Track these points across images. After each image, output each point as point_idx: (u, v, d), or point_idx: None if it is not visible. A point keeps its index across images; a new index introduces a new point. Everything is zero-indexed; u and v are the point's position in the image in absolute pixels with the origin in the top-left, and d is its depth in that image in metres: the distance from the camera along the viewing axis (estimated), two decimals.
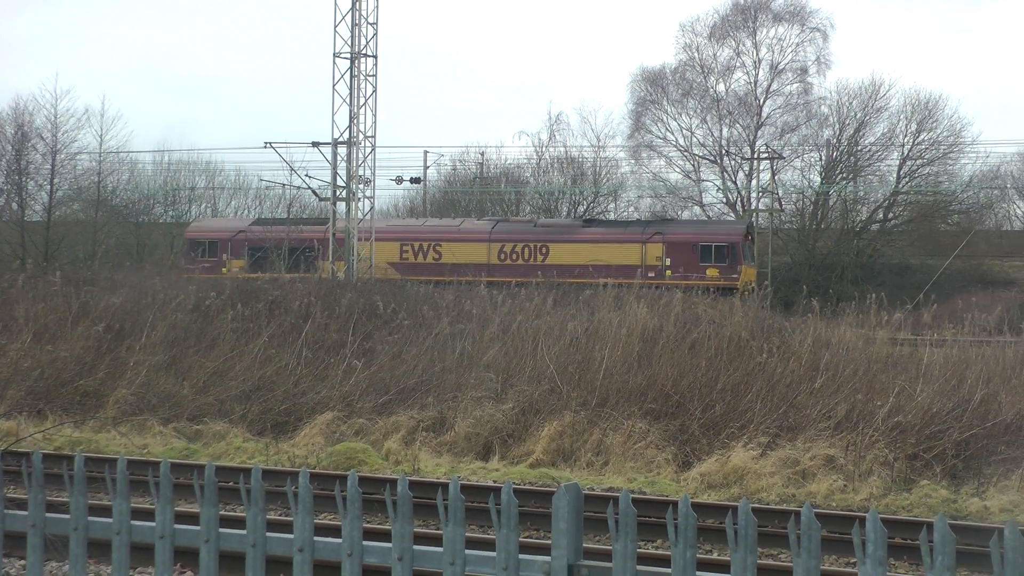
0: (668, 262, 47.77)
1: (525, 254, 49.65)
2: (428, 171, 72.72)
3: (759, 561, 10.61)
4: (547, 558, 4.74)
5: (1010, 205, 68.36)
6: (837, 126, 66.41)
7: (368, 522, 13.13)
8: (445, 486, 4.98)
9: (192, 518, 5.38)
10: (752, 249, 51.07)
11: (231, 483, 14.17)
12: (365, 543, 4.99)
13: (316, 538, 5.06)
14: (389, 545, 4.95)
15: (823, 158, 66.73)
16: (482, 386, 20.09)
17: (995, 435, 17.02)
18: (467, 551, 4.86)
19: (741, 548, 4.39)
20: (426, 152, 72.74)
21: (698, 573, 4.51)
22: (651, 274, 46.16)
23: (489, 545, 4.92)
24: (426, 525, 13.07)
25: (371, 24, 45.67)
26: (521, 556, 4.79)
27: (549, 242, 49.43)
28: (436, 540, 5.11)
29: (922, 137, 65.08)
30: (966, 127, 74.96)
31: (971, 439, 16.89)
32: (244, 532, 5.16)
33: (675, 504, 4.33)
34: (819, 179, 66.52)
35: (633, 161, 70.50)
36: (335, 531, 5.20)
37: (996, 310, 27.29)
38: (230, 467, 16.21)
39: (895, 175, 65.55)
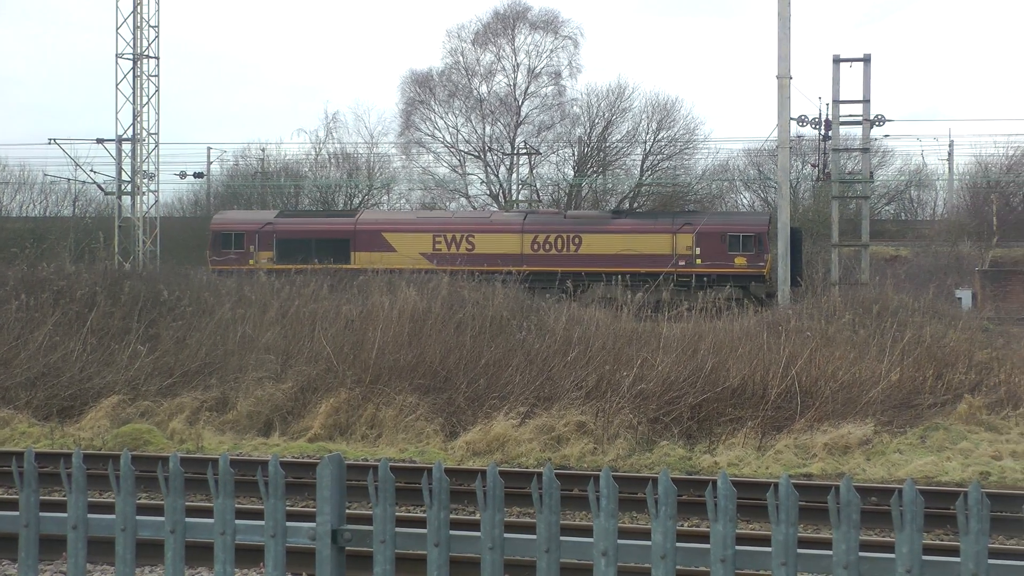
0: (698, 251, 45.29)
1: (558, 244, 46.50)
2: (211, 166, 71.38)
3: (512, 519, 10.73)
4: (312, 524, 4.69)
5: (737, 195, 70.71)
6: (588, 125, 67.75)
7: (152, 499, 12.82)
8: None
9: None
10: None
11: (6, 467, 13.63)
12: (139, 518, 4.84)
13: (90, 515, 4.88)
14: (163, 519, 4.81)
15: (576, 153, 67.98)
16: (262, 367, 19.82)
17: (724, 399, 17.59)
18: (237, 521, 4.76)
19: (490, 507, 4.42)
20: (209, 148, 71.47)
21: (452, 532, 4.53)
22: (682, 263, 44.70)
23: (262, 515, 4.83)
24: (209, 499, 12.82)
25: (153, 27, 44.60)
26: (288, 523, 4.73)
27: (582, 233, 46.35)
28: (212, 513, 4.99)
29: (661, 135, 66.93)
30: (699, 126, 77.48)
31: (704, 403, 17.43)
32: (17, 513, 4.94)
33: (430, 470, 4.37)
34: (572, 172, 67.78)
35: (404, 157, 70.55)
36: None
37: (726, 289, 28.21)
38: (5, 451, 15.55)
39: (639, 168, 67.27)
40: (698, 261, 45.11)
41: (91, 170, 49.78)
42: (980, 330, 27.39)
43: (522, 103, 68.35)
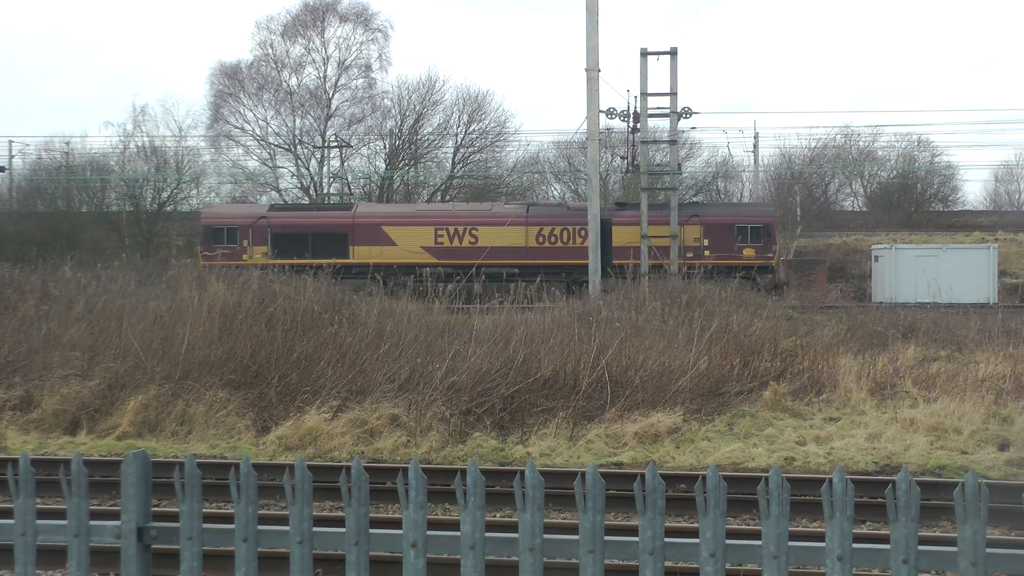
0: (706, 243, 44.82)
1: (564, 237, 45.34)
2: (13, 160, 69.08)
3: (326, 513, 10.64)
4: (118, 523, 4.60)
5: (548, 187, 71.57)
6: (399, 117, 67.77)
7: None
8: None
9: None
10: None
11: None
12: None
13: None
14: None
15: (387, 146, 67.89)
16: (68, 364, 19.26)
17: (536, 389, 17.78)
18: (39, 521, 4.65)
19: (299, 501, 4.41)
20: (11, 142, 69.24)
21: (260, 527, 4.49)
22: (689, 254, 43.97)
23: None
24: (10, 501, 12.41)
25: None
26: (93, 522, 4.63)
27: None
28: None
29: (473, 127, 67.42)
30: (510, 119, 78.16)
31: (516, 394, 17.58)
32: None
33: (238, 465, 4.35)
34: (384, 165, 67.60)
35: (213, 150, 69.36)
36: None
37: (536, 279, 28.56)
38: None
39: (451, 161, 67.55)
40: (706, 252, 44.91)
41: None
42: (785, 318, 28.36)
43: (332, 96, 68.00)
